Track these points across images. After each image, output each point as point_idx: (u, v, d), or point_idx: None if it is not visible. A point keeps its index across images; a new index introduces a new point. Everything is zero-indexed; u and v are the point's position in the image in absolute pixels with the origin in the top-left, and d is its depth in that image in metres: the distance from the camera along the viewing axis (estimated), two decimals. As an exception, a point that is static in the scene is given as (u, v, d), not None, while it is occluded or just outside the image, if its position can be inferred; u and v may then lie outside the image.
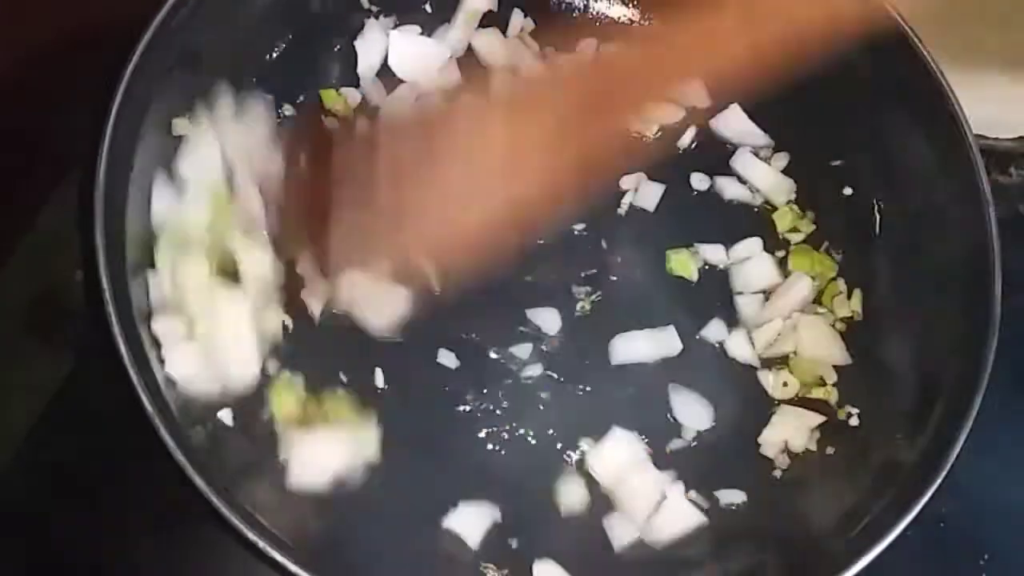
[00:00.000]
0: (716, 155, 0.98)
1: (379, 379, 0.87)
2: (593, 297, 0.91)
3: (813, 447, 0.87)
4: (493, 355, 0.88)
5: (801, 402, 0.89)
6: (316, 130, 0.90)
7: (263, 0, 0.90)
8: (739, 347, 0.90)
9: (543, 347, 0.89)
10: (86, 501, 0.87)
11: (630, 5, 1.02)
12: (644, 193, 0.95)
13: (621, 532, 0.84)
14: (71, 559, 0.86)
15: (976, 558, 0.90)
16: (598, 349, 0.90)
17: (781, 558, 0.81)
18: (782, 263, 0.94)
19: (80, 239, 0.92)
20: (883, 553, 0.73)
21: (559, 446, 0.86)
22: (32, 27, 0.89)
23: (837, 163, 0.96)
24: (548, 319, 0.90)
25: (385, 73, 0.96)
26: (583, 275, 0.92)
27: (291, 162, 0.85)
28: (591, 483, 0.85)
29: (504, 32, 0.98)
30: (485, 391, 0.87)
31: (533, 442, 0.86)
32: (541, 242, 0.91)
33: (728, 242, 0.94)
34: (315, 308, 0.84)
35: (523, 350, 0.89)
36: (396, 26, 0.96)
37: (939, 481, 0.74)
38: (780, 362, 0.90)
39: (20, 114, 0.90)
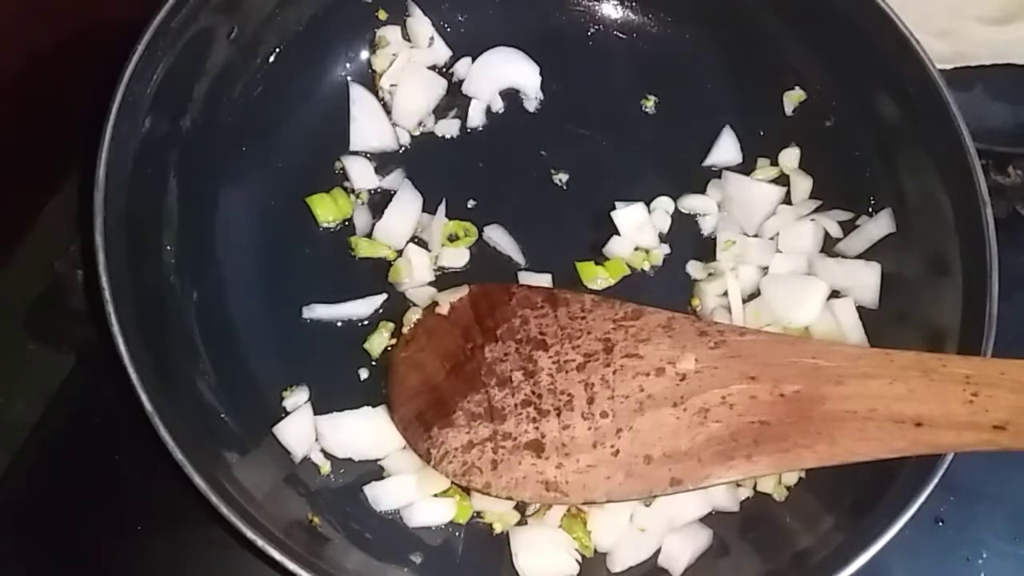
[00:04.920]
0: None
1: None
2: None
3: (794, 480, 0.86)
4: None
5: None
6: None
7: (261, 5, 0.90)
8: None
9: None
10: (86, 501, 0.87)
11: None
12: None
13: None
14: (71, 558, 0.86)
15: (974, 556, 0.91)
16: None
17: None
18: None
19: (80, 239, 0.93)
20: (882, 551, 0.73)
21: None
22: (32, 27, 0.89)
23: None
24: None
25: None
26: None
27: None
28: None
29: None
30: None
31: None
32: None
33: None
34: None
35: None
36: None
37: (936, 480, 0.74)
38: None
39: (20, 114, 0.90)
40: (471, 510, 0.84)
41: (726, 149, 0.97)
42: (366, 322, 0.89)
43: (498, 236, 0.93)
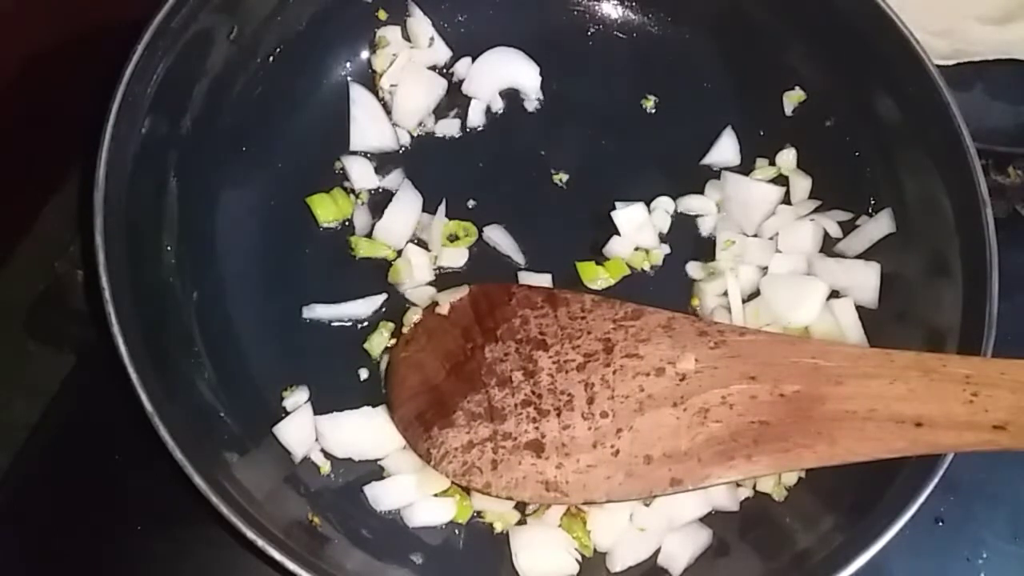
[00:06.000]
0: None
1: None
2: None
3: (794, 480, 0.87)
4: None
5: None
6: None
7: (261, 5, 0.90)
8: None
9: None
10: (86, 501, 0.87)
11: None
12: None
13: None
14: (71, 558, 0.86)
15: (974, 556, 0.91)
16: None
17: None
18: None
19: (80, 239, 0.93)
20: (882, 551, 0.73)
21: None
22: (32, 27, 0.89)
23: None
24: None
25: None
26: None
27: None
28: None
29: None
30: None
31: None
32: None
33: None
34: None
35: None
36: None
37: (936, 480, 0.74)
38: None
39: (20, 114, 0.90)
40: (471, 510, 0.84)
41: (726, 149, 0.97)
42: (366, 322, 0.89)
43: (498, 236, 0.93)
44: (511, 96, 0.99)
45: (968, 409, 0.69)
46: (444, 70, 0.99)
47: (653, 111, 0.99)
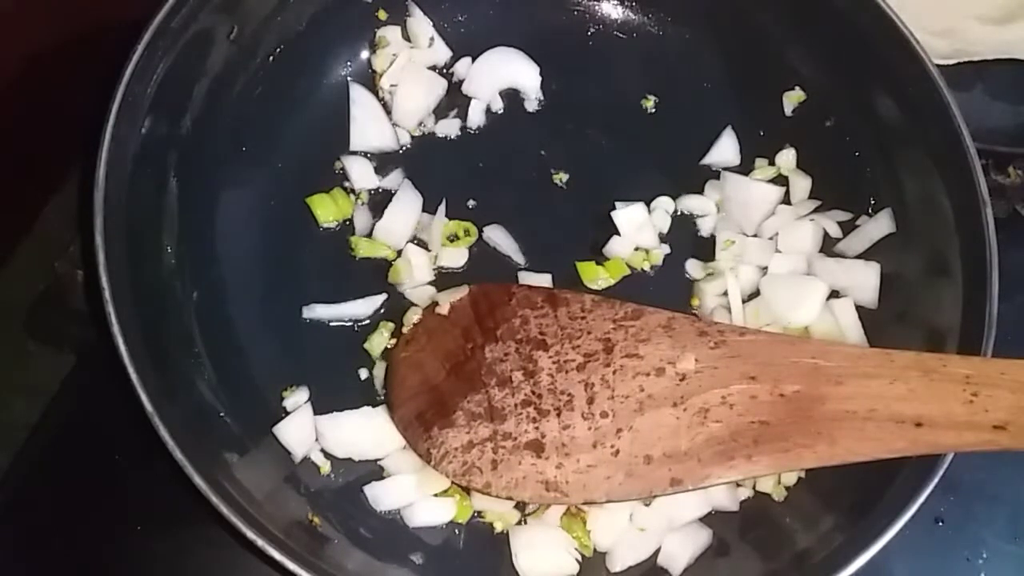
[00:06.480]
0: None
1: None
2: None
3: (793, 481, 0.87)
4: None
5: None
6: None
7: (261, 5, 0.90)
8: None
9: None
10: (86, 501, 0.87)
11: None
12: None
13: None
14: (71, 559, 0.86)
15: (974, 556, 0.91)
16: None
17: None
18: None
19: (80, 239, 0.93)
20: (882, 551, 0.73)
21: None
22: (32, 27, 0.89)
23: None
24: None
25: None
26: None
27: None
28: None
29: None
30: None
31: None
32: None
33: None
34: None
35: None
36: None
37: (936, 480, 0.74)
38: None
39: (20, 114, 0.90)
40: (471, 510, 0.84)
41: (726, 149, 0.97)
42: (366, 322, 0.89)
43: (498, 236, 0.93)
44: (511, 96, 0.99)
45: (968, 409, 0.69)
46: (444, 70, 0.99)
47: (653, 111, 0.99)
